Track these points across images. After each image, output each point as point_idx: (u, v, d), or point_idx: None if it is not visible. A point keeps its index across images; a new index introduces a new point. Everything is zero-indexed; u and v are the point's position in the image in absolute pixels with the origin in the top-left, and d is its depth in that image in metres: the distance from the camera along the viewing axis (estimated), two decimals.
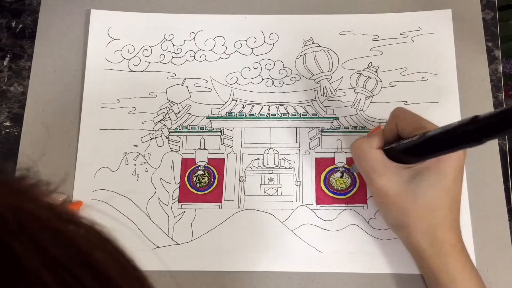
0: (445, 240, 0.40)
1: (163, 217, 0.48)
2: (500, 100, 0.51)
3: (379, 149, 0.42)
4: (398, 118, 0.42)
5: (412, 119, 0.41)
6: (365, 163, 0.42)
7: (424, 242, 0.40)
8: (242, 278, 0.46)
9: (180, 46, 0.53)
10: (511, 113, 0.30)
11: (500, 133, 0.32)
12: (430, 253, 0.40)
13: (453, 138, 0.35)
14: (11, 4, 0.56)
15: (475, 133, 0.33)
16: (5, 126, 0.51)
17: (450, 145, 0.36)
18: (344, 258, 0.46)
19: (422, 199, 0.39)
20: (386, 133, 0.43)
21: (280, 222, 0.47)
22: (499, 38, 0.53)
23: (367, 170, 0.42)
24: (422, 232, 0.40)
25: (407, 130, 0.41)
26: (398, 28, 0.53)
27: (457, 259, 0.40)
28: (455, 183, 0.40)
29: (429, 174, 0.39)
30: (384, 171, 0.41)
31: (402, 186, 0.40)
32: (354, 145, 0.43)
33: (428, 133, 0.38)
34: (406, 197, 0.40)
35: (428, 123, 0.41)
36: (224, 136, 0.50)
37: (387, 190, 0.40)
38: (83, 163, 0.49)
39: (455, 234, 0.40)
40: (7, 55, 0.54)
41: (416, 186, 0.40)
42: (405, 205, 0.40)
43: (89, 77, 0.52)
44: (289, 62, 0.52)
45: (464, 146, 0.35)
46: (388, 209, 0.42)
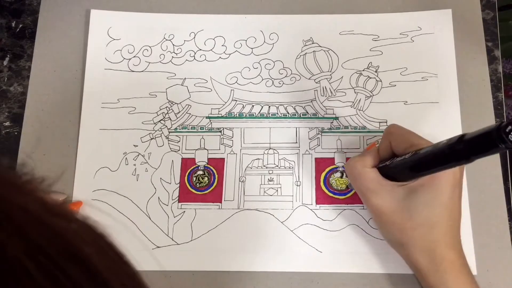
0: (444, 257, 0.40)
1: (163, 217, 0.48)
2: (500, 100, 0.51)
3: (373, 167, 0.42)
4: (391, 136, 0.42)
5: (405, 137, 0.41)
6: (359, 182, 0.42)
7: (422, 260, 0.40)
8: (242, 278, 0.46)
9: (180, 46, 0.53)
10: (495, 133, 0.30)
11: (487, 153, 0.32)
12: (429, 270, 0.40)
13: (442, 157, 0.35)
14: (11, 4, 0.56)
15: (462, 152, 0.33)
16: (5, 126, 0.51)
17: (440, 163, 0.36)
18: (344, 258, 0.46)
19: (418, 216, 0.39)
20: (381, 151, 0.43)
21: (280, 222, 0.47)
22: (499, 38, 0.53)
23: (362, 190, 0.42)
24: (420, 250, 0.40)
25: (401, 148, 0.41)
26: (398, 28, 0.53)
27: (457, 276, 0.40)
28: (451, 200, 0.40)
29: (423, 192, 0.39)
30: (378, 190, 0.41)
31: (397, 204, 0.40)
32: (348, 165, 0.43)
33: (419, 152, 0.38)
34: (402, 215, 0.40)
35: (421, 139, 0.40)
36: (224, 136, 0.50)
37: (383, 209, 0.41)
38: (83, 163, 0.49)
39: (455, 250, 0.40)
40: (7, 55, 0.54)
41: (411, 203, 0.40)
42: (401, 223, 0.40)
43: (89, 77, 0.52)
44: (289, 62, 0.52)
45: (454, 165, 0.35)
46: (385, 227, 0.42)
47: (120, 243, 0.20)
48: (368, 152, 0.43)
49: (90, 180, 0.49)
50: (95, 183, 0.49)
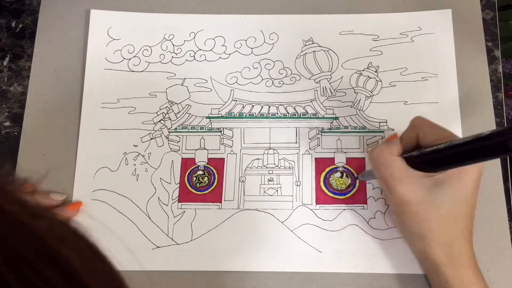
0: (461, 251, 0.40)
1: (163, 217, 0.48)
2: (500, 100, 0.51)
3: (399, 156, 0.41)
4: (420, 127, 0.41)
5: (436, 128, 0.41)
6: (385, 170, 0.41)
7: (440, 253, 0.40)
8: (242, 278, 0.46)
9: (180, 46, 0.53)
10: None
11: None
12: (446, 264, 0.40)
13: (485, 147, 0.34)
14: (11, 4, 0.56)
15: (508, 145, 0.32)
16: (5, 126, 0.51)
17: (480, 154, 0.35)
18: (344, 258, 0.46)
19: (441, 209, 0.39)
20: (405, 141, 0.42)
21: (280, 222, 0.47)
22: (499, 38, 0.53)
23: (388, 178, 0.41)
24: (441, 243, 0.40)
25: (430, 139, 0.40)
26: (398, 28, 0.53)
27: (472, 271, 0.40)
28: (473, 195, 0.40)
29: (450, 184, 0.39)
30: (405, 179, 0.40)
31: (423, 194, 0.40)
32: (374, 152, 0.42)
33: (456, 141, 0.37)
34: (427, 206, 0.40)
35: (451, 132, 0.40)
36: (224, 136, 0.50)
37: (409, 198, 0.40)
38: (83, 163, 0.49)
39: (470, 245, 0.41)
40: (7, 55, 0.54)
41: (436, 195, 0.39)
42: (426, 214, 0.40)
43: (89, 77, 0.52)
44: (289, 62, 0.52)
45: (494, 156, 0.35)
46: (407, 218, 0.41)
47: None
48: (393, 141, 0.42)
49: (90, 180, 0.49)
50: (95, 183, 0.49)
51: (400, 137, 0.43)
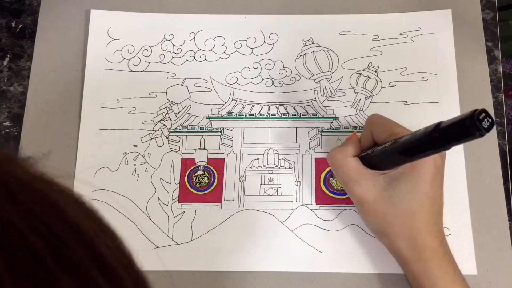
0: (426, 245, 0.40)
1: (163, 217, 0.48)
2: (500, 100, 0.51)
3: (354, 157, 0.42)
4: (373, 125, 0.42)
5: (386, 126, 0.41)
6: (341, 172, 0.42)
7: (405, 248, 0.40)
8: (242, 278, 0.46)
9: (180, 46, 0.53)
10: (469, 121, 0.31)
11: (462, 141, 0.33)
12: (411, 258, 0.40)
13: (421, 145, 0.35)
14: (11, 4, 0.56)
15: (439, 140, 0.33)
16: (5, 126, 0.51)
17: (419, 151, 0.36)
18: (343, 258, 0.46)
19: (399, 204, 0.40)
20: (363, 140, 0.43)
21: (280, 222, 0.47)
22: (499, 38, 0.53)
23: (344, 179, 0.42)
24: (403, 238, 0.40)
25: (382, 137, 0.41)
26: (398, 28, 0.53)
27: (439, 264, 0.40)
28: (432, 188, 0.40)
29: (405, 180, 0.40)
30: (360, 179, 0.41)
31: (379, 192, 0.40)
32: (329, 155, 0.43)
33: (399, 140, 0.38)
34: (384, 204, 0.40)
35: (402, 128, 0.41)
36: (224, 136, 0.50)
37: (365, 198, 0.41)
38: (83, 163, 0.49)
39: (437, 238, 0.40)
40: (7, 55, 0.54)
41: (392, 192, 0.40)
42: (384, 212, 0.40)
43: (89, 77, 0.52)
44: (289, 62, 0.52)
45: (432, 152, 0.36)
46: (368, 216, 0.42)
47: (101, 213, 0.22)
48: (349, 142, 0.43)
49: (90, 180, 0.49)
50: (95, 183, 0.49)
51: (358, 137, 0.44)
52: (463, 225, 0.46)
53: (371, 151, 0.41)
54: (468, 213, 0.47)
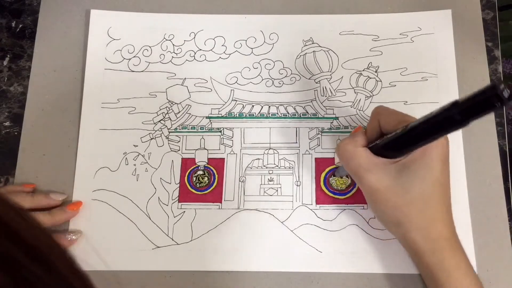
0: (439, 234, 0.40)
1: (163, 217, 0.48)
2: None
3: (364, 147, 0.42)
4: (380, 115, 0.42)
5: (394, 114, 0.42)
6: (352, 162, 0.42)
7: (419, 238, 0.40)
8: (242, 278, 0.46)
9: (180, 46, 0.53)
10: (490, 91, 0.31)
11: (483, 113, 0.32)
12: (425, 249, 0.40)
13: (438, 123, 0.35)
14: (11, 4, 0.56)
15: (459, 116, 0.33)
16: (5, 126, 0.51)
17: (436, 131, 0.36)
18: (343, 258, 0.46)
19: (412, 192, 0.40)
20: (369, 132, 0.43)
21: (280, 222, 0.47)
22: (499, 38, 0.53)
23: (355, 169, 0.42)
24: (416, 228, 0.40)
25: (390, 125, 0.41)
26: (398, 28, 0.53)
27: (452, 254, 0.40)
28: (443, 174, 0.40)
29: (416, 167, 0.40)
30: (372, 168, 0.41)
31: (391, 180, 0.40)
32: (339, 147, 0.43)
33: (411, 124, 0.38)
34: (397, 192, 0.40)
35: (410, 117, 0.41)
36: (224, 136, 0.50)
37: (377, 186, 0.41)
38: (83, 163, 0.49)
39: (449, 227, 0.40)
40: (7, 55, 0.54)
41: (405, 179, 0.40)
42: (396, 200, 0.40)
43: (89, 77, 0.52)
44: (289, 62, 0.52)
45: (448, 131, 0.35)
46: (381, 207, 0.42)
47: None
48: (357, 134, 0.43)
49: (90, 180, 0.49)
50: (95, 183, 0.49)
51: (364, 129, 0.44)
52: (463, 225, 0.46)
53: (380, 141, 0.41)
54: (468, 213, 0.47)
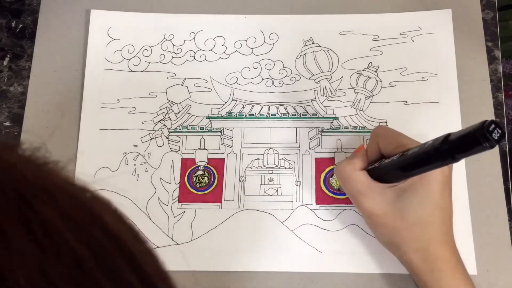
0: (438, 255, 0.40)
1: (163, 217, 0.48)
2: (500, 100, 0.51)
3: (362, 170, 0.42)
4: (379, 137, 0.42)
5: (393, 138, 0.41)
6: (349, 185, 0.42)
7: (417, 259, 0.40)
8: (242, 278, 0.46)
9: (180, 46, 0.53)
10: (479, 132, 0.31)
11: (471, 152, 0.32)
12: (423, 269, 0.40)
13: (429, 158, 0.35)
14: (11, 4, 0.56)
15: (448, 152, 0.33)
16: (5, 126, 0.51)
17: (427, 163, 0.36)
18: (344, 258, 0.46)
19: (409, 217, 0.39)
20: (369, 153, 0.43)
21: (280, 222, 0.47)
22: (499, 38, 0.53)
23: (352, 193, 0.42)
24: (414, 250, 0.40)
25: (389, 148, 0.41)
26: (398, 28, 0.53)
27: (452, 274, 0.40)
28: (442, 198, 0.40)
29: (414, 192, 0.39)
30: (368, 193, 0.41)
31: (388, 206, 0.40)
32: (337, 169, 0.43)
33: (407, 153, 0.38)
34: (394, 217, 0.40)
35: (409, 140, 0.40)
36: (224, 136, 0.50)
37: (374, 211, 0.41)
38: (83, 163, 0.49)
39: (448, 248, 0.40)
40: (7, 55, 0.54)
41: (402, 204, 0.40)
42: (394, 225, 0.40)
43: (89, 77, 0.52)
44: (289, 62, 0.52)
45: (441, 164, 0.35)
46: (378, 229, 0.42)
47: None
48: (357, 155, 0.43)
49: (90, 180, 0.49)
50: (95, 183, 0.49)
51: (365, 149, 0.43)
52: (463, 225, 0.46)
53: (378, 164, 0.41)
54: (468, 213, 0.47)
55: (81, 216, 0.19)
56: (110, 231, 0.20)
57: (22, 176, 0.19)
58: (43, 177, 0.20)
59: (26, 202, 0.18)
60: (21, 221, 0.17)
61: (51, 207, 0.18)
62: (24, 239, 0.17)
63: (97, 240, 0.19)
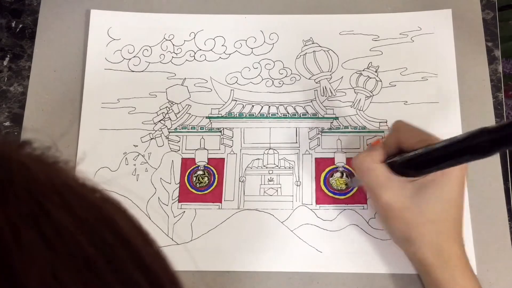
0: (452, 252, 0.40)
1: (163, 217, 0.48)
2: (500, 100, 0.51)
3: (382, 162, 0.41)
4: (400, 131, 0.42)
5: (416, 132, 0.41)
6: (369, 178, 0.41)
7: (431, 255, 0.40)
8: (242, 278, 0.46)
9: (180, 46, 0.53)
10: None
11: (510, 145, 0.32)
12: (437, 266, 0.40)
13: (461, 150, 0.35)
14: (11, 4, 0.56)
15: (486, 145, 0.33)
16: (5, 126, 0.51)
17: (457, 156, 0.36)
18: (344, 258, 0.46)
19: (428, 212, 0.39)
20: (387, 146, 0.42)
21: (280, 222, 0.47)
22: (499, 38, 0.53)
23: (372, 185, 0.41)
24: (429, 246, 0.40)
25: (410, 143, 0.40)
26: (398, 28, 0.53)
27: (464, 271, 0.40)
28: (460, 195, 0.40)
29: (434, 188, 0.39)
30: (389, 185, 0.40)
31: (407, 200, 0.40)
32: (356, 160, 0.42)
33: (435, 145, 0.37)
34: (412, 211, 0.40)
35: (432, 135, 0.40)
36: (224, 136, 0.50)
37: (393, 205, 0.40)
38: (83, 163, 0.49)
39: (461, 246, 0.41)
40: (7, 55, 0.54)
41: (421, 199, 0.40)
42: (411, 219, 0.40)
43: (89, 77, 0.52)
44: (289, 62, 0.52)
45: (472, 159, 0.35)
46: (394, 224, 0.42)
47: None
48: (375, 147, 0.43)
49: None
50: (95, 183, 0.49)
51: (383, 142, 0.43)
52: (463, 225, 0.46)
53: (400, 158, 0.40)
54: (468, 213, 0.47)
55: (92, 218, 0.19)
56: (121, 233, 0.20)
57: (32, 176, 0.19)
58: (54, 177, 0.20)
59: (37, 203, 0.18)
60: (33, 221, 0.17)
61: (62, 208, 0.18)
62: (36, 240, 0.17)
63: (108, 242, 0.19)
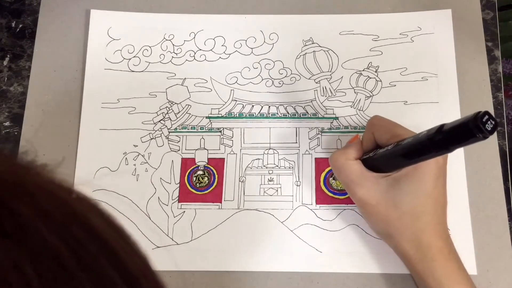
0: (431, 245, 0.40)
1: (163, 217, 0.48)
2: (500, 100, 0.51)
3: (356, 159, 0.42)
4: (374, 127, 0.42)
5: (388, 127, 0.41)
6: (343, 175, 0.42)
7: (410, 249, 0.40)
8: (242, 278, 0.46)
9: (180, 46, 0.53)
10: (472, 123, 0.31)
11: (465, 143, 0.33)
12: (416, 259, 0.40)
13: (423, 148, 0.36)
14: (11, 4, 0.56)
15: (442, 143, 0.34)
16: (5, 126, 0.51)
17: (421, 154, 0.36)
18: (344, 258, 0.46)
19: (402, 206, 0.40)
20: (365, 142, 0.43)
21: (280, 222, 0.47)
22: (499, 38, 0.53)
23: (346, 182, 0.42)
24: (407, 239, 0.40)
25: (384, 138, 0.41)
26: (398, 28, 0.53)
27: (444, 263, 0.40)
28: (436, 188, 0.40)
29: (407, 182, 0.40)
30: (362, 182, 0.41)
31: (381, 195, 0.40)
32: (331, 158, 0.43)
33: (401, 143, 0.38)
34: (387, 206, 0.40)
35: (404, 130, 0.41)
36: (224, 136, 0.50)
37: (368, 200, 0.41)
38: (83, 163, 0.49)
39: (441, 237, 0.41)
40: (7, 55, 0.54)
41: (395, 194, 0.40)
42: (387, 214, 0.41)
43: (89, 77, 0.52)
44: (289, 62, 0.52)
45: (434, 155, 0.36)
46: (372, 219, 0.42)
47: None
48: (350, 145, 0.43)
49: (90, 180, 0.49)
50: (95, 183, 0.49)
51: (360, 139, 0.44)
52: (463, 225, 0.46)
53: (373, 154, 0.41)
54: (468, 213, 0.47)
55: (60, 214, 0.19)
56: (93, 230, 0.20)
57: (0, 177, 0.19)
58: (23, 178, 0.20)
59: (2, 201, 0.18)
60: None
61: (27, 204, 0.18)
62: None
63: (77, 237, 0.19)
